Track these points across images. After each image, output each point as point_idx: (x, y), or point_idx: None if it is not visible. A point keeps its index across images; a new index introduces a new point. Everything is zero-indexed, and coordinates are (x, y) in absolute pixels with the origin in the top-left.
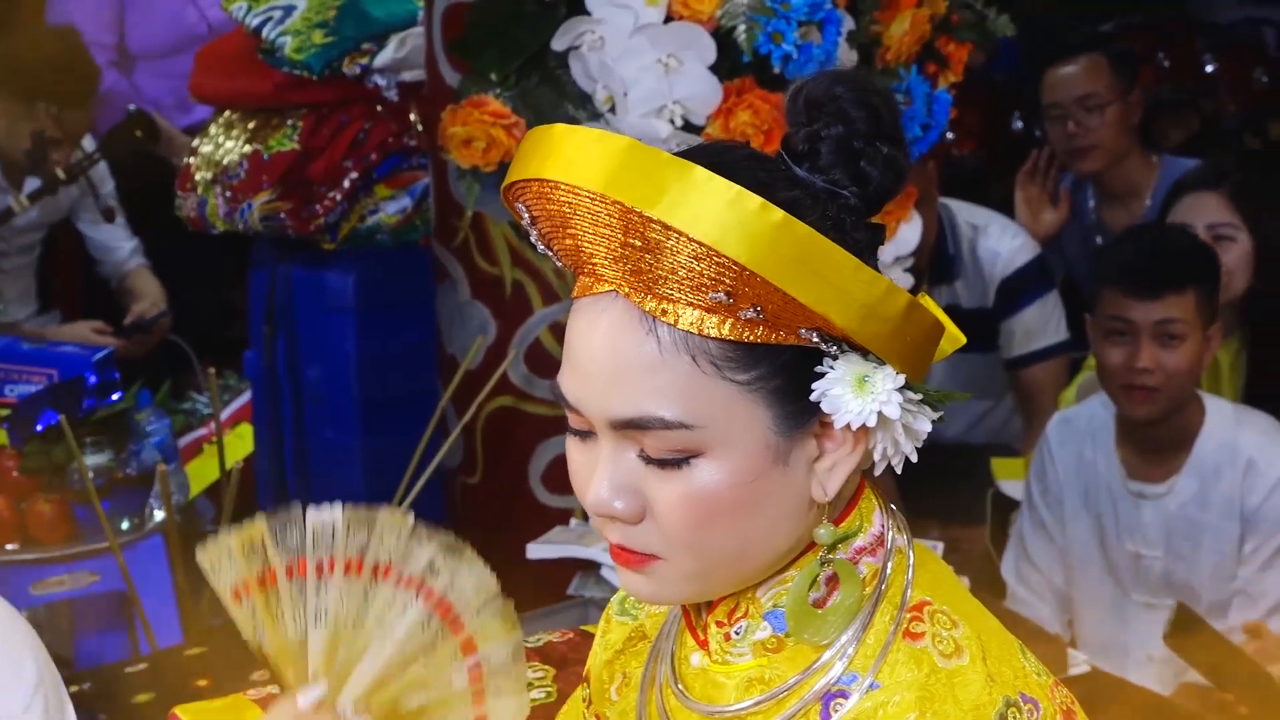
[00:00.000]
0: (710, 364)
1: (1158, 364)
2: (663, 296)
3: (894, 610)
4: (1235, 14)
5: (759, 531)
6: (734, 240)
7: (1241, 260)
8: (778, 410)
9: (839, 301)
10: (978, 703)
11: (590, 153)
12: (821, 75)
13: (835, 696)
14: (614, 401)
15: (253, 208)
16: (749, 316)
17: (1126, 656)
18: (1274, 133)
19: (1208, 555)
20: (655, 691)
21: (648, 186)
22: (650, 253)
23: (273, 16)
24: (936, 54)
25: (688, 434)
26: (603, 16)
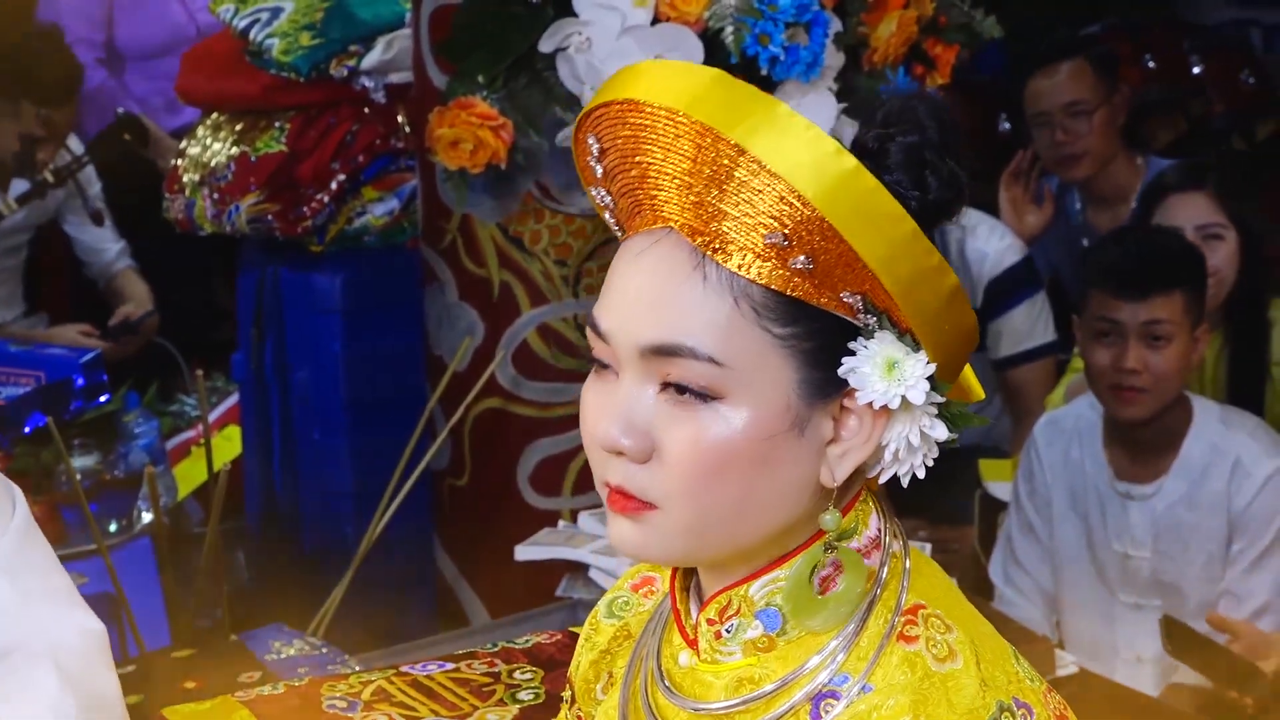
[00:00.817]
0: (751, 309)
1: (1145, 365)
2: (717, 234)
3: (888, 613)
4: (1222, 15)
5: (761, 493)
6: (805, 175)
7: (1229, 259)
8: (805, 374)
9: (892, 261)
10: (971, 707)
11: (676, 78)
12: (904, 93)
13: (826, 697)
14: (649, 327)
15: (240, 210)
16: (799, 265)
17: (1115, 657)
18: (1261, 134)
19: (1195, 556)
20: (640, 686)
21: (730, 112)
22: (718, 183)
23: (260, 18)
24: (924, 56)
25: (715, 371)
26: (590, 18)
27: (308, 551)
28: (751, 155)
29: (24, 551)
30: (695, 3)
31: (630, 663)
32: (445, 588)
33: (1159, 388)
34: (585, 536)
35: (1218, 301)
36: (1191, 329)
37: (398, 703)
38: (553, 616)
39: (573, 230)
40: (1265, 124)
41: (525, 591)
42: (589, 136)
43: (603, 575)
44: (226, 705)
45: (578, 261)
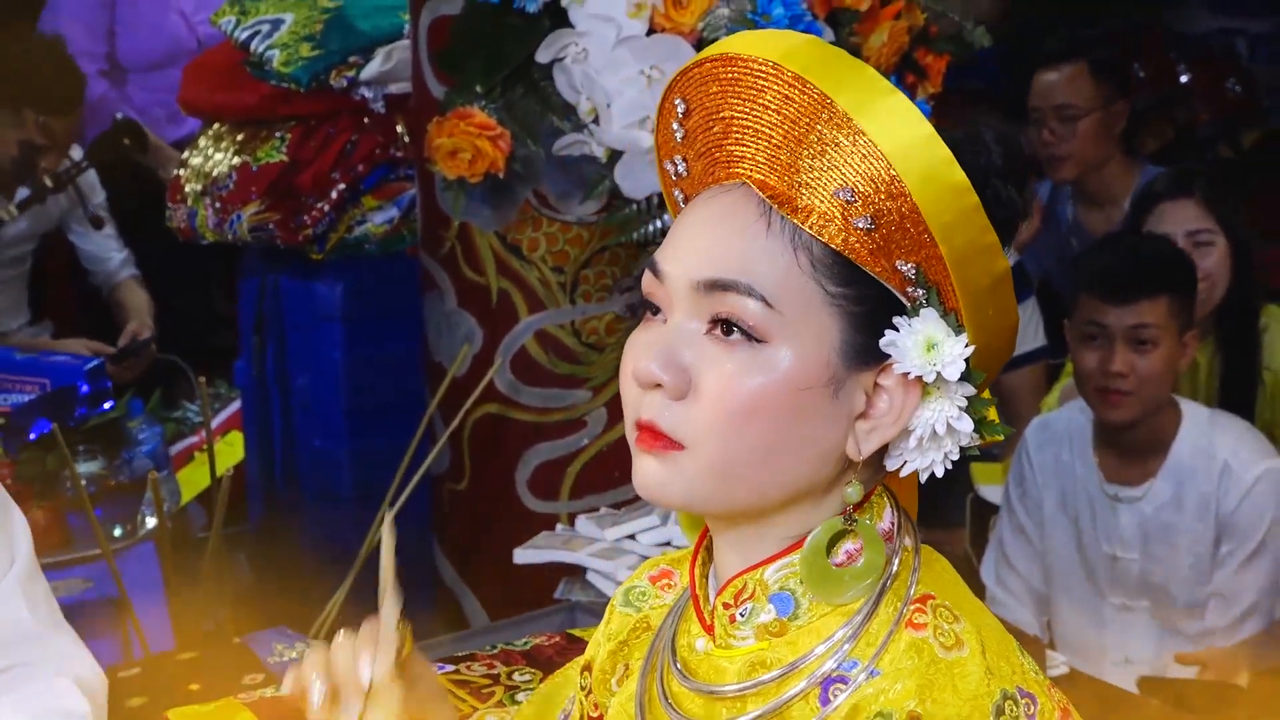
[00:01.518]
0: (809, 262)
1: (1131, 368)
2: (790, 188)
3: (898, 602)
4: (1209, 25)
5: (788, 444)
6: (883, 134)
7: (1220, 264)
8: (850, 336)
9: (951, 229)
10: (976, 693)
11: (769, 38)
12: (980, 118)
13: (835, 682)
14: (707, 262)
15: (242, 218)
16: (861, 226)
17: (1104, 658)
18: (1247, 141)
19: (1184, 558)
20: (656, 676)
21: (823, 68)
22: (798, 135)
23: (261, 30)
24: (915, 65)
25: (765, 312)
26: (586, 29)
27: (309, 555)
28: (840, 109)
29: (37, 580)
30: (689, 13)
31: (649, 654)
32: (445, 590)
33: (1145, 391)
34: (583, 540)
35: (1209, 307)
36: (1179, 334)
37: None
38: (551, 619)
39: (570, 238)
40: (1251, 132)
41: (524, 594)
42: (676, 99)
43: (600, 578)
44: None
45: (574, 269)
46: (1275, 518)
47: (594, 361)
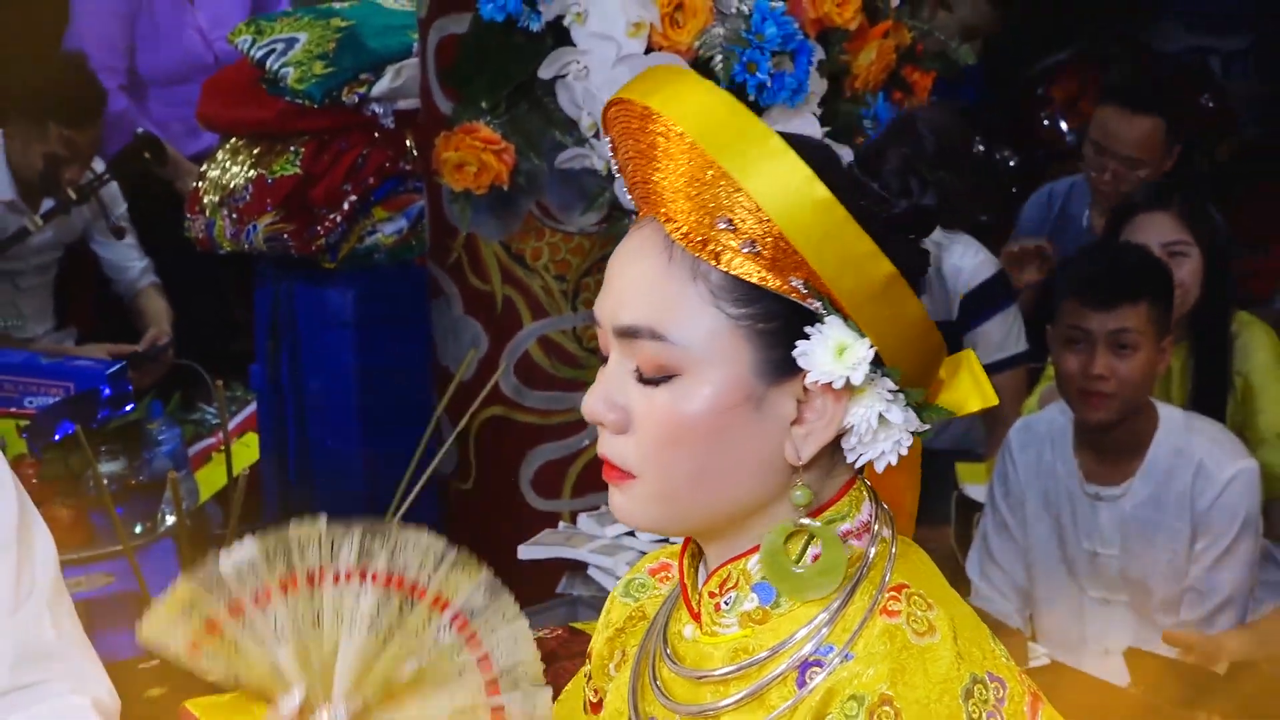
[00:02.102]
0: (708, 290)
1: (1112, 371)
2: (685, 220)
3: (873, 590)
4: (1183, 43)
5: (720, 466)
6: (738, 164)
7: (1193, 274)
8: (763, 354)
9: (821, 245)
10: (946, 677)
11: (663, 86)
12: (922, 105)
13: (811, 666)
14: (620, 308)
15: (257, 229)
16: (747, 250)
17: (1084, 649)
18: (1221, 154)
19: (1161, 554)
20: (649, 664)
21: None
22: (691, 176)
23: (276, 48)
24: (902, 82)
25: (673, 350)
26: (587, 47)
27: None
28: (710, 152)
29: (62, 599)
30: (686, 32)
31: (642, 642)
32: None
33: (1125, 393)
34: (584, 537)
35: (1183, 314)
36: (1157, 339)
37: None
38: (554, 613)
39: (571, 247)
40: (1224, 145)
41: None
42: (607, 137)
43: (601, 574)
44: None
45: (576, 277)
46: (1248, 516)
47: (595, 366)
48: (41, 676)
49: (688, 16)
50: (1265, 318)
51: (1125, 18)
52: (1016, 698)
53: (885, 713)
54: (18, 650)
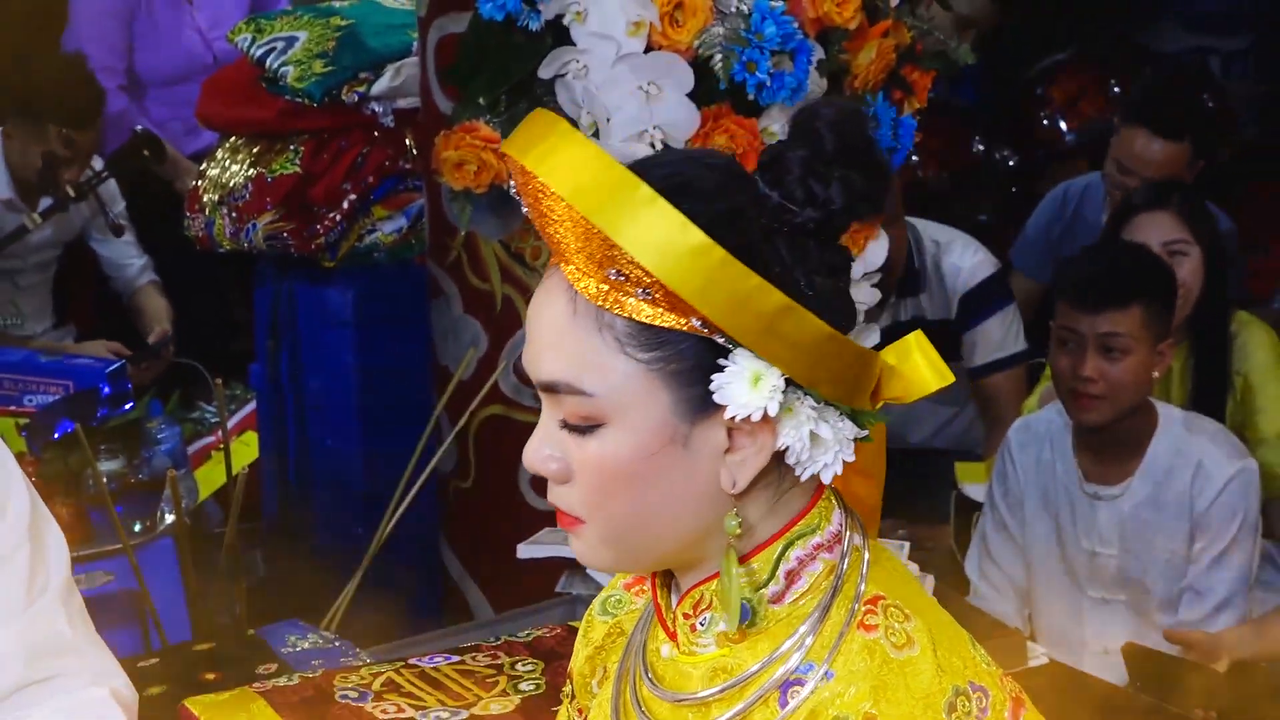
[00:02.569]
0: (614, 339)
1: (1101, 374)
2: (579, 269)
3: (849, 603)
4: (1183, 43)
5: (660, 506)
6: (613, 218)
7: (1194, 274)
8: (678, 394)
9: (705, 291)
10: (928, 691)
11: (546, 151)
12: (821, 101)
13: (793, 685)
14: (539, 364)
15: (257, 228)
16: (642, 296)
17: (1083, 649)
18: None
19: (1159, 554)
20: (629, 682)
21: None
22: (578, 231)
23: (275, 47)
24: (902, 81)
25: (590, 401)
26: (587, 46)
27: (321, 550)
28: (588, 214)
29: (74, 596)
30: (685, 32)
31: (622, 659)
32: (451, 584)
33: (1114, 396)
34: None
35: (1183, 314)
36: (1153, 342)
37: (406, 693)
38: (553, 611)
39: None
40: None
41: (527, 587)
42: (510, 184)
43: (599, 572)
44: (245, 696)
45: None
46: (1246, 516)
47: None
48: (58, 670)
49: (687, 16)
50: (1265, 317)
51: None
52: (999, 705)
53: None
54: (33, 645)
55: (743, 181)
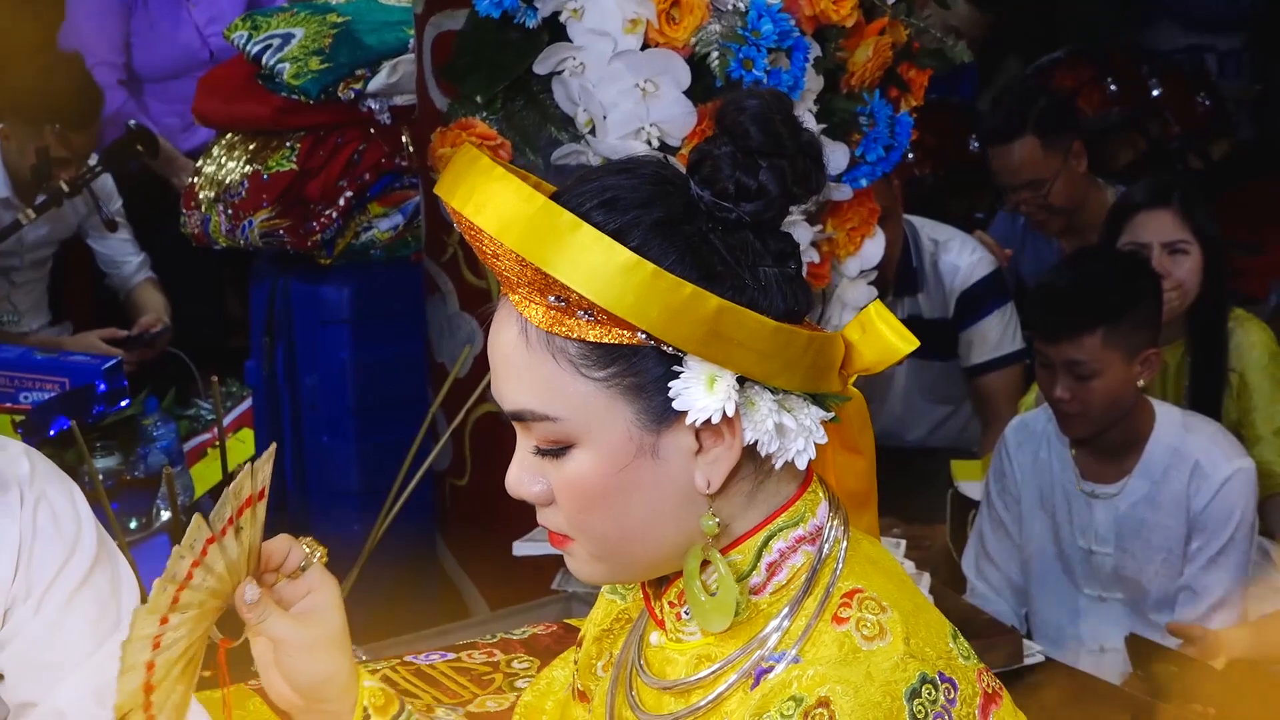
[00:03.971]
0: (569, 362)
1: (1073, 394)
2: (524, 298)
3: (820, 594)
4: (1179, 42)
5: (638, 518)
6: (542, 247)
7: (1193, 272)
8: (638, 405)
9: (639, 307)
10: (890, 679)
11: (474, 194)
12: (744, 93)
13: (765, 671)
14: (503, 395)
15: (253, 225)
16: (584, 318)
17: (1080, 647)
18: (1216, 153)
19: (1156, 553)
20: (626, 673)
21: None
22: (516, 263)
23: (272, 44)
24: (898, 79)
25: (556, 426)
26: (583, 43)
27: None
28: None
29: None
30: (682, 29)
31: (621, 652)
32: (447, 581)
33: (1089, 414)
34: None
35: (1182, 311)
36: (1127, 358)
37: (402, 690)
38: (548, 609)
39: None
40: (1219, 144)
41: (522, 585)
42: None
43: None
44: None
45: None
46: (1243, 516)
47: None
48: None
49: (684, 13)
50: (1260, 315)
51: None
52: (968, 699)
53: (820, 714)
54: (103, 686)
55: (673, 186)
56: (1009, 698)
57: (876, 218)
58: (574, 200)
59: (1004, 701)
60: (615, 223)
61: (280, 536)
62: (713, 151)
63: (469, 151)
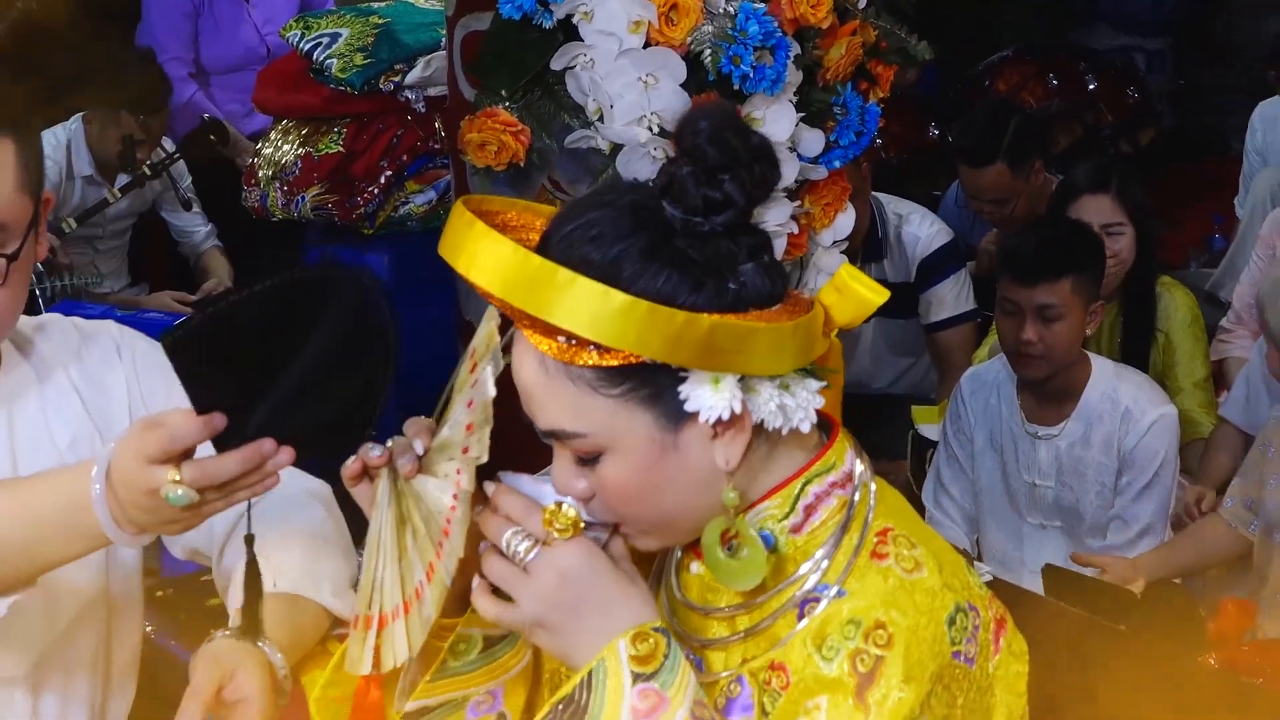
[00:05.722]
0: (586, 385)
1: (1039, 337)
2: (535, 333)
3: (859, 531)
4: (1112, 42)
5: (671, 502)
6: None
7: (1128, 247)
8: (655, 412)
9: (642, 341)
10: (932, 607)
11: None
12: (693, 114)
13: (809, 602)
14: (536, 417)
15: (305, 200)
16: (596, 349)
17: (1022, 568)
18: (1143, 139)
19: (1090, 486)
20: (662, 597)
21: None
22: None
23: (322, 42)
24: (868, 74)
25: (586, 440)
26: (593, 42)
27: None
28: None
29: None
30: (679, 29)
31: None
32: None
33: (1051, 355)
34: None
35: (1119, 280)
36: (1084, 307)
37: None
38: None
39: None
40: (1146, 132)
41: None
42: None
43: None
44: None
45: None
46: (1167, 455)
47: None
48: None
49: (681, 15)
50: (1183, 281)
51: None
52: (986, 624)
53: (879, 635)
54: None
55: (648, 211)
56: (1011, 619)
57: (848, 195)
58: (564, 244)
59: (1009, 625)
60: (606, 257)
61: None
62: (677, 174)
63: (463, 215)
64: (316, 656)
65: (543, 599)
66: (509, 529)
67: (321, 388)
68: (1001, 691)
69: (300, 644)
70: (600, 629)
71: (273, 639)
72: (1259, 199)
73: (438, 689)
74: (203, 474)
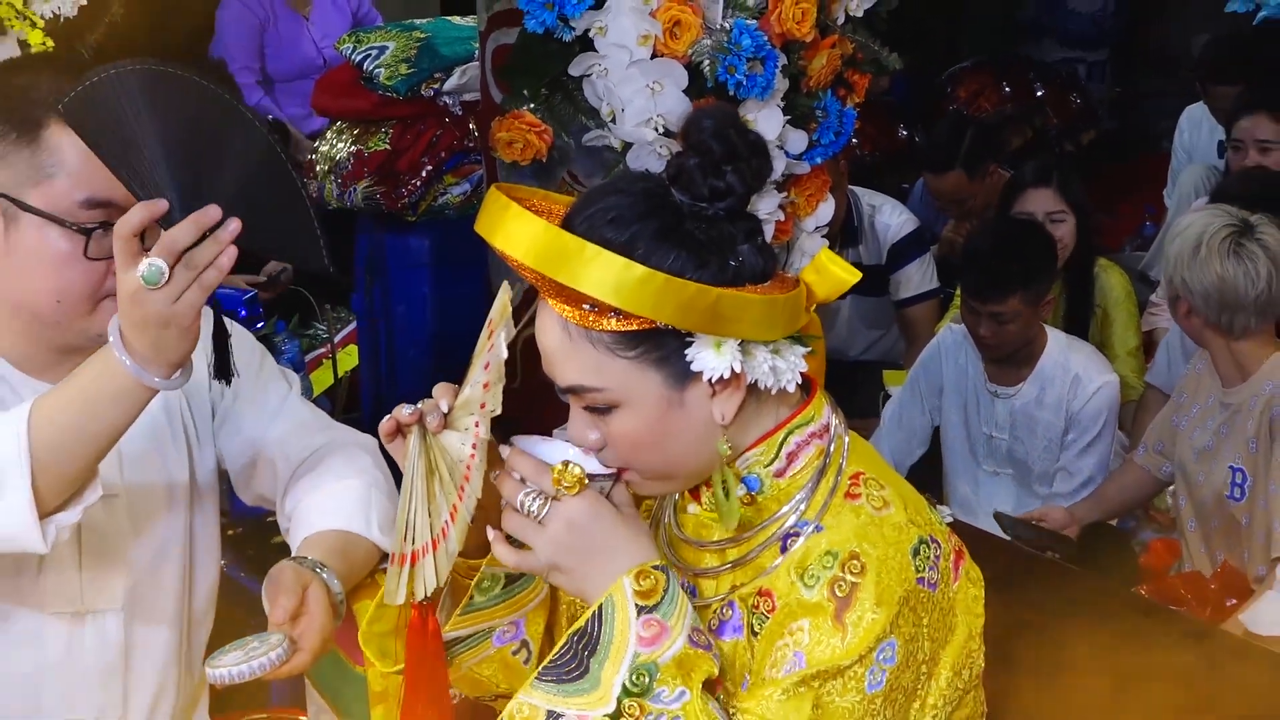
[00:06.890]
0: (605, 347)
1: (993, 334)
2: (560, 302)
3: (834, 474)
4: (1058, 55)
5: (677, 453)
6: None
7: (1070, 234)
8: (665, 372)
9: (658, 308)
10: (899, 539)
11: (512, 234)
12: (699, 113)
13: (790, 536)
14: (557, 375)
15: (357, 191)
16: (615, 316)
17: (979, 510)
18: (1084, 140)
19: (1039, 441)
20: (660, 535)
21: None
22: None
23: (371, 54)
24: (845, 82)
25: (602, 394)
26: (607, 53)
27: None
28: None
29: (308, 399)
30: (682, 43)
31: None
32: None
33: (1004, 346)
34: None
35: (1062, 262)
36: (1034, 306)
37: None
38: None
39: None
40: (1087, 134)
41: None
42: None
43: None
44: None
45: None
46: (1109, 417)
47: None
48: (324, 439)
49: (683, 31)
50: (1118, 263)
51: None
52: (946, 555)
53: (854, 565)
54: (303, 423)
55: (658, 198)
56: (967, 551)
57: (828, 187)
58: (586, 224)
59: (966, 555)
60: (624, 236)
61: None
62: (686, 165)
63: (499, 199)
64: (366, 587)
65: (556, 546)
66: (522, 489)
67: (224, 164)
68: (961, 612)
69: (353, 574)
70: (607, 569)
71: (330, 568)
72: (1185, 191)
73: (466, 621)
74: (164, 243)
